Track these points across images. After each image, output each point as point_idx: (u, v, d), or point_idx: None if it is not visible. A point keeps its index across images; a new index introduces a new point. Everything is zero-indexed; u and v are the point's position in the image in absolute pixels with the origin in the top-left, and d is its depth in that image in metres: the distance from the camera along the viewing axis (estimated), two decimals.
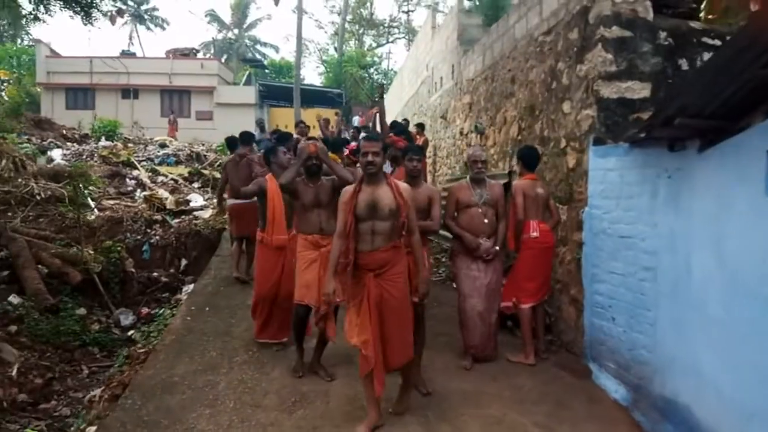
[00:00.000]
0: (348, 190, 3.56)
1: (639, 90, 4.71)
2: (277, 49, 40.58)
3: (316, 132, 13.43)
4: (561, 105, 5.40)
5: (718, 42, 4.77)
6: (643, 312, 3.94)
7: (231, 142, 7.51)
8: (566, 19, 5.39)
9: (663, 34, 4.72)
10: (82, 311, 7.43)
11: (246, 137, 7.25)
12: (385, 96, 7.04)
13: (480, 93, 8.42)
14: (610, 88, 4.70)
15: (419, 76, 14.14)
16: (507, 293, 4.91)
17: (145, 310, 7.94)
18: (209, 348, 4.99)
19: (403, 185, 3.63)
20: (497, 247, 4.67)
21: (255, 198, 5.19)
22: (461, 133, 9.52)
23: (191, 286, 8.24)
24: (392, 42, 40.25)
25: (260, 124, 13.63)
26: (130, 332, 7.18)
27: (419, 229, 3.73)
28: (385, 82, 36.09)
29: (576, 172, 5.06)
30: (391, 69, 38.26)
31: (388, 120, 9.50)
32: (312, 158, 4.35)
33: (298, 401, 3.97)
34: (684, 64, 4.73)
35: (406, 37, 40.05)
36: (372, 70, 35.04)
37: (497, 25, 7.66)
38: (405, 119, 12.52)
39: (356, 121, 17.79)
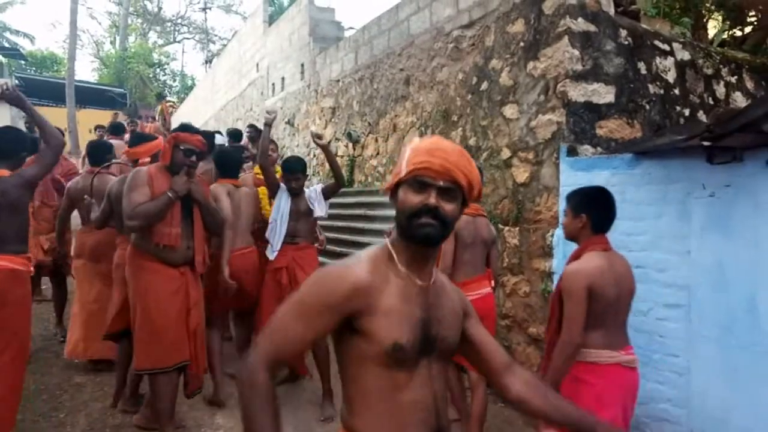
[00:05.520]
0: None
1: (604, 94, 4.11)
2: (32, 39, 33.83)
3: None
4: (500, 109, 4.61)
5: (667, 47, 4.44)
6: (666, 358, 3.28)
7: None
8: (503, 9, 4.62)
9: (623, 33, 4.20)
10: None
11: None
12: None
13: (351, 95, 7.33)
14: (577, 89, 4.02)
15: (244, 77, 12.48)
16: None
17: None
18: None
19: None
20: None
21: None
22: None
23: None
24: (179, 42, 37.00)
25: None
26: None
27: None
28: (174, 83, 32.85)
29: (530, 188, 4.28)
30: (183, 69, 35.06)
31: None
32: None
33: None
34: (642, 67, 4.27)
35: (195, 37, 37.20)
36: (158, 70, 31.54)
37: (379, 18, 6.67)
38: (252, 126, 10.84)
39: (149, 127, 15.18)
